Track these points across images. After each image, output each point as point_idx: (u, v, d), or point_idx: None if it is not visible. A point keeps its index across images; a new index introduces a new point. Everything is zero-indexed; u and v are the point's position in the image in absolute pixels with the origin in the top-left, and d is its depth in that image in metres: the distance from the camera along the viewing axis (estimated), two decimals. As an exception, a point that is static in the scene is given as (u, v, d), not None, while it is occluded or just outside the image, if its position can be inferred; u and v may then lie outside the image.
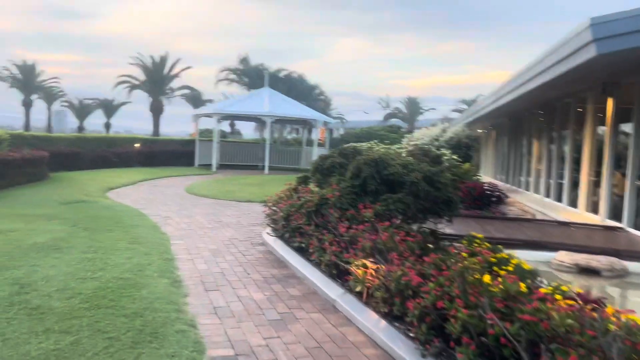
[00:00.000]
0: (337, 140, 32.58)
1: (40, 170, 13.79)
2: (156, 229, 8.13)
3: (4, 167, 11.54)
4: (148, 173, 18.32)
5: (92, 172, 17.35)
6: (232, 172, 22.53)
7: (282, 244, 7.05)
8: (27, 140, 17.42)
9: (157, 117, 37.42)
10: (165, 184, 15.61)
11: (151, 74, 36.85)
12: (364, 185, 6.43)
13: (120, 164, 20.98)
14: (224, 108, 21.98)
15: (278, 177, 19.27)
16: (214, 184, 16.01)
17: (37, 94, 60.01)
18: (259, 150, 26.80)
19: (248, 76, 31.75)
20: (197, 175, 19.38)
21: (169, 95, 39.05)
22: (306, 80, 33.70)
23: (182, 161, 24.76)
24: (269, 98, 22.55)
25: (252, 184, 16.31)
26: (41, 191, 11.55)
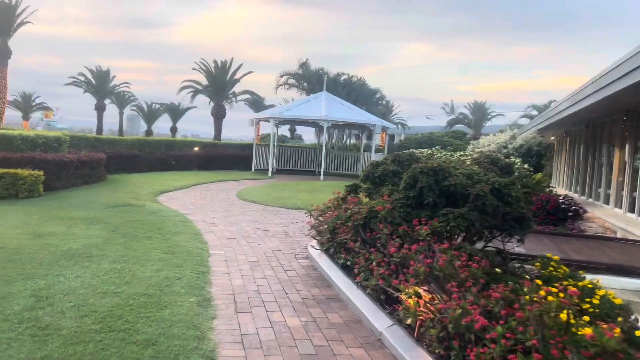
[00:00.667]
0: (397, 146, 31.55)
1: (97, 172, 13.94)
2: (197, 237, 7.70)
3: (60, 168, 11.66)
4: (204, 177, 18.26)
5: (149, 175, 17.50)
6: (287, 177, 22.16)
7: (326, 259, 6.37)
8: (90, 142, 17.87)
9: (218, 122, 37.93)
10: (218, 188, 15.40)
11: (214, 78, 37.44)
12: (420, 197, 5.63)
13: (179, 167, 21.15)
14: (280, 112, 21.69)
15: (332, 184, 18.64)
16: (266, 189, 15.61)
17: (110, 98, 63.20)
18: (316, 155, 26.34)
19: (307, 81, 31.43)
20: (252, 180, 19.13)
21: (230, 100, 39.52)
22: (367, 85, 32.94)
23: (239, 165, 24.75)
24: (325, 102, 22.02)
25: (304, 190, 15.76)
26: (94, 193, 11.56)
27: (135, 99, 66.36)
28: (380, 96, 34.21)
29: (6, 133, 11.45)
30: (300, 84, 32.07)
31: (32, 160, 10.89)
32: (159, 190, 13.25)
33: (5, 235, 6.83)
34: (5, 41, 34.76)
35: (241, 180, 18.50)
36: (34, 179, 10.46)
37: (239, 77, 37.89)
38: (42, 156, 11.25)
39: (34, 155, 11.10)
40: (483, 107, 44.68)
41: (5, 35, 34.92)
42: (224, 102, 38.51)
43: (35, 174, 10.51)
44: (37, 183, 10.55)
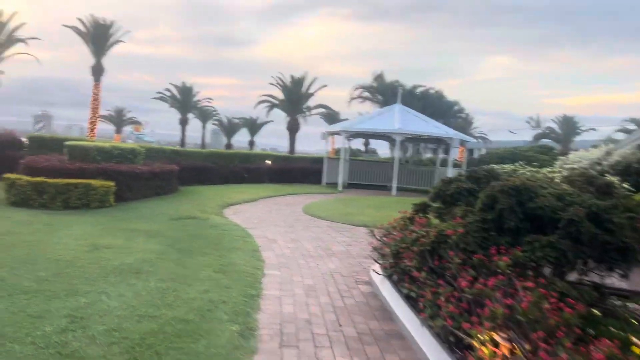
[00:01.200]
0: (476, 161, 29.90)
1: (169, 184, 14.15)
2: (254, 255, 7.29)
3: (132, 179, 11.89)
4: (273, 190, 18.12)
5: (221, 187, 17.62)
6: (358, 192, 21.53)
7: (389, 287, 5.68)
8: (166, 154, 18.36)
9: (292, 135, 38.25)
10: (286, 202, 15.11)
11: (289, 93, 37.86)
12: (500, 220, 4.81)
13: (251, 180, 21.24)
14: (351, 125, 21.18)
15: (404, 200, 17.76)
16: (334, 204, 15.09)
17: (193, 113, 66.24)
18: (388, 169, 25.49)
19: (382, 94, 30.77)
20: (321, 194, 18.72)
21: (304, 114, 39.75)
22: (445, 97, 31.63)
23: (310, 179, 24.51)
24: (399, 115, 21.22)
25: (374, 206, 15.06)
26: (162, 205, 11.64)
27: (217, 113, 69.20)
28: (459, 109, 32.73)
29: (83, 144, 11.90)
30: (375, 96, 31.46)
31: (105, 171, 11.16)
32: (227, 203, 13.16)
33: (65, 246, 6.81)
34: (99, 59, 37.44)
35: (310, 194, 18.14)
36: (106, 190, 10.68)
37: (313, 92, 38.07)
38: (115, 167, 11.51)
39: (107, 166, 11.39)
40: (572, 121, 41.46)
41: (100, 54, 37.63)
42: (299, 116, 38.79)
43: (107, 185, 10.73)
44: (109, 194, 10.76)
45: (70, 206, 10.28)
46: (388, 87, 30.51)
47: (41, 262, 5.91)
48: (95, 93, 38.10)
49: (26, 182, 10.27)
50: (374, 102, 31.69)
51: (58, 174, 10.74)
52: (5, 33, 30.17)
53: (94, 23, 37.01)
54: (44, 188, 10.22)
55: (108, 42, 38.49)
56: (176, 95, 57.34)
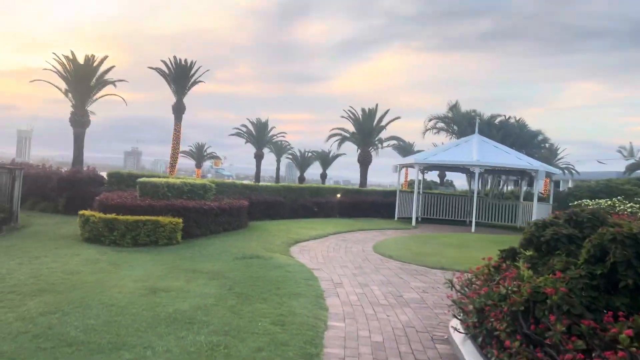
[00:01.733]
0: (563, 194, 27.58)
1: (238, 220, 13.99)
2: (318, 302, 6.66)
3: (200, 216, 11.80)
4: (343, 225, 17.51)
5: (290, 222, 17.29)
6: (433, 227, 20.37)
7: (473, 349, 4.81)
8: (237, 189, 18.43)
9: (364, 168, 37.64)
10: (356, 238, 14.41)
11: (360, 126, 37.51)
12: (612, 276, 3.89)
13: (321, 214, 20.80)
14: (425, 158, 20.24)
15: (486, 237, 16.44)
16: (407, 241, 14.18)
17: (268, 147, 67.89)
18: (466, 203, 24.10)
19: (457, 124, 29.45)
20: (393, 230, 17.82)
21: (376, 147, 39.13)
22: (526, 127, 29.64)
23: (382, 213, 23.67)
24: (477, 146, 20.01)
25: (452, 244, 13.96)
26: (228, 242, 11.39)
27: (291, 147, 70.37)
28: (542, 139, 30.53)
29: (154, 181, 12.04)
30: (450, 127, 30.17)
31: (174, 208, 11.15)
32: (294, 240, 12.71)
33: (123, 288, 6.58)
34: (180, 98, 39.43)
35: (381, 230, 17.32)
36: (173, 227, 10.61)
37: (385, 124, 37.42)
38: (183, 204, 11.48)
39: (175, 203, 11.38)
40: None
41: (181, 94, 39.66)
42: (370, 149, 38.22)
43: (174, 222, 10.67)
44: (176, 231, 10.68)
45: (139, 243, 10.28)
46: (464, 117, 29.17)
47: (94, 307, 5.66)
48: (176, 130, 39.87)
49: (98, 219, 10.44)
50: (449, 132, 30.38)
51: (129, 210, 10.85)
52: (96, 76, 32.52)
53: (175, 64, 39.12)
54: (115, 225, 10.32)
55: (189, 82, 40.42)
56: (252, 130, 59.05)
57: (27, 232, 11.87)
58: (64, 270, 7.56)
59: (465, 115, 29.49)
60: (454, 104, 30.86)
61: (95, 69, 32.66)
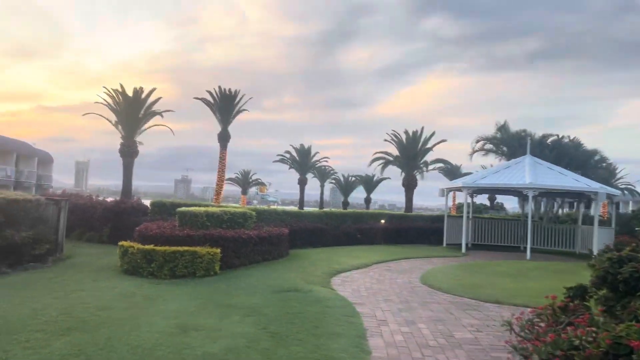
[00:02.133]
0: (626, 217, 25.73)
1: (278, 248, 13.59)
2: (359, 344, 6.07)
3: (239, 245, 11.47)
4: (388, 253, 16.80)
5: (332, 250, 16.75)
6: (484, 254, 19.28)
7: (539, 408, 4.10)
8: (279, 217, 18.12)
9: (409, 192, 36.70)
10: (401, 268, 13.68)
11: (404, 149, 36.77)
12: None
13: (364, 241, 20.17)
14: (474, 181, 19.32)
15: (543, 265, 15.30)
16: (457, 271, 13.32)
17: (312, 172, 67.99)
18: (519, 228, 22.81)
19: (507, 145, 28.23)
20: (442, 258, 16.93)
21: (421, 170, 38.20)
22: (582, 146, 28.03)
23: (430, 239, 22.76)
24: (530, 167, 18.94)
25: (506, 273, 12.98)
26: (267, 273, 10.97)
27: (335, 172, 70.29)
28: (599, 158, 28.79)
29: (193, 210, 11.85)
30: (499, 148, 28.97)
31: (212, 238, 10.88)
32: (335, 270, 12.15)
33: (152, 327, 6.24)
34: (225, 127, 40.06)
35: (429, 258, 16.47)
36: (211, 258, 10.32)
37: (431, 146, 36.53)
38: (222, 233, 11.19)
39: (213, 232, 11.12)
40: None
41: (226, 122, 40.31)
42: (415, 172, 37.33)
43: (212, 252, 10.38)
44: (214, 262, 10.38)
45: (177, 275, 10.03)
46: (514, 137, 27.94)
47: (119, 349, 5.32)
48: (221, 158, 40.42)
49: (137, 250, 10.29)
50: (498, 154, 29.15)
51: (167, 241, 10.67)
52: (144, 108, 33.56)
53: (220, 94, 39.91)
54: (153, 256, 10.13)
55: (233, 110, 41.04)
56: (295, 156, 59.36)
57: (70, 264, 11.91)
58: (97, 305, 7.34)
59: (515, 136, 28.29)
60: (503, 124, 29.72)
61: (144, 100, 33.74)
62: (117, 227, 15.72)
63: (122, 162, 33.64)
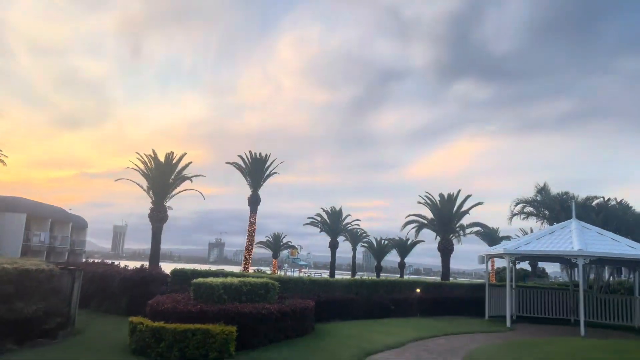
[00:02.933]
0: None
1: (303, 324, 12.42)
2: None
3: (257, 322, 10.42)
4: (425, 327, 15.32)
5: (363, 324, 15.41)
6: (532, 328, 17.45)
7: None
8: (305, 286, 17.04)
9: (446, 257, 34.93)
10: (441, 347, 12.23)
11: (439, 212, 35.41)
12: None
13: (398, 313, 18.67)
14: (517, 247, 17.88)
15: (602, 344, 13.50)
16: (505, 352, 11.78)
17: (344, 235, 66.47)
18: (568, 298, 20.85)
19: (548, 208, 26.65)
20: (485, 334, 15.29)
21: (458, 234, 36.54)
22: (630, 208, 26.16)
23: (470, 310, 20.99)
24: (577, 233, 17.43)
25: (562, 354, 11.37)
26: (289, 355, 9.82)
27: (367, 235, 68.53)
28: (651, 222, 26.82)
29: (209, 282, 10.92)
30: (540, 211, 27.37)
31: (228, 314, 9.92)
32: (365, 351, 10.86)
33: None
34: (256, 190, 39.80)
35: (471, 335, 14.87)
36: (225, 337, 9.31)
37: (467, 209, 35.09)
38: (239, 309, 10.21)
39: (229, 307, 10.15)
40: None
41: (256, 186, 40.12)
42: (451, 236, 35.70)
43: (227, 331, 9.38)
44: (228, 342, 9.35)
45: (187, 357, 9.03)
46: (555, 200, 26.39)
47: None
48: (251, 222, 39.91)
49: (146, 328, 9.41)
50: (539, 217, 27.54)
51: (179, 317, 9.77)
52: (174, 173, 33.76)
53: (251, 158, 40.04)
54: (162, 334, 9.22)
55: (264, 174, 40.94)
56: (326, 219, 58.37)
57: (81, 340, 11.10)
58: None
59: (557, 199, 26.73)
60: (542, 186, 28.26)
61: (174, 165, 33.89)
62: (135, 297, 14.94)
63: (151, 227, 33.50)
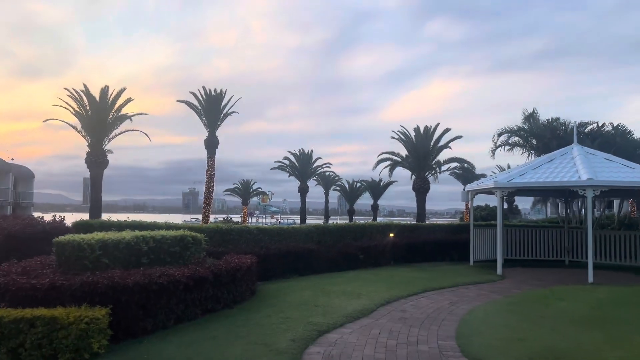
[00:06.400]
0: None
1: (235, 289, 9.01)
2: None
3: (153, 297, 6.94)
4: (400, 282, 12.24)
5: (322, 281, 12.23)
6: (526, 274, 14.65)
7: None
8: (252, 237, 13.65)
9: (421, 197, 32.11)
10: (422, 313, 9.10)
11: (414, 148, 32.21)
12: None
13: (368, 263, 15.62)
14: (510, 178, 14.72)
15: (620, 294, 10.63)
16: (508, 316, 8.71)
17: (316, 180, 63.32)
18: (561, 237, 18.16)
19: (537, 137, 23.64)
20: (474, 286, 12.30)
21: (435, 171, 33.57)
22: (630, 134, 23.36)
23: (451, 254, 18.17)
24: (582, 159, 14.32)
25: (582, 317, 8.33)
26: (195, 343, 6.46)
27: (340, 179, 65.58)
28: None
29: (77, 240, 7.25)
30: (528, 142, 24.32)
31: (95, 288, 6.37)
32: (317, 327, 7.53)
33: None
34: (213, 132, 35.58)
35: (456, 289, 11.84)
36: (85, 328, 5.79)
37: (445, 143, 31.97)
38: (116, 278, 6.62)
39: (99, 278, 6.53)
40: None
41: (213, 127, 35.86)
42: (427, 174, 32.71)
43: (87, 318, 5.85)
44: (91, 335, 5.82)
45: (22, 361, 5.56)
46: (546, 128, 23.33)
47: None
48: (209, 167, 36.04)
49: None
50: (525, 148, 24.52)
51: (18, 296, 6.21)
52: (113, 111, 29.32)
53: (205, 95, 35.61)
54: (-21, 329, 5.67)
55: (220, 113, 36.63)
56: (294, 163, 54.87)
57: None
58: None
59: (547, 126, 23.62)
60: (531, 112, 25.03)
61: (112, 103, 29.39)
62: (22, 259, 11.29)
63: (90, 174, 29.34)
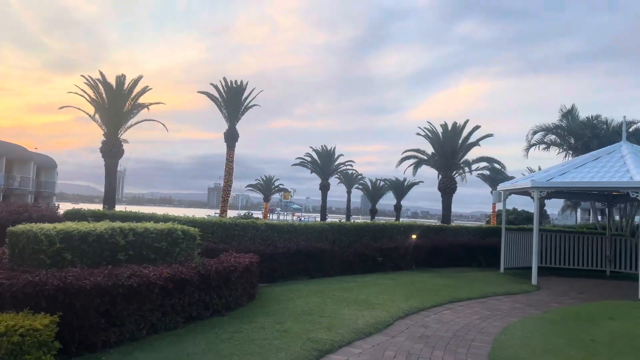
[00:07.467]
0: None
1: (229, 293, 7.77)
2: None
3: (119, 302, 5.73)
4: (422, 290, 10.84)
5: (333, 285, 10.92)
6: (564, 285, 13.06)
7: None
8: (259, 234, 12.43)
9: (447, 198, 30.37)
10: (447, 328, 7.72)
11: (441, 145, 30.50)
12: None
13: (386, 267, 14.25)
14: (550, 177, 13.09)
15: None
16: (551, 338, 7.24)
17: (338, 178, 61.91)
18: (602, 244, 16.42)
19: (575, 135, 21.80)
20: (507, 296, 10.82)
21: (462, 171, 31.79)
22: (682, 133, 21.38)
23: (479, 261, 16.66)
24: (634, 158, 12.65)
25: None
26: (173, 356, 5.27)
27: (362, 177, 63.97)
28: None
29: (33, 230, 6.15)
30: (565, 141, 22.44)
31: (44, 291, 5.19)
32: (318, 345, 6.23)
33: None
34: (233, 125, 34.56)
35: (487, 300, 10.38)
36: (15, 343, 4.60)
37: (475, 141, 30.17)
38: (68, 279, 5.44)
39: (47, 278, 5.32)
40: None
41: (233, 119, 34.84)
42: (454, 174, 30.99)
43: (23, 330, 4.67)
44: (24, 351, 4.63)
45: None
46: (586, 126, 21.48)
47: None
48: (228, 160, 35.02)
49: None
50: (562, 147, 22.65)
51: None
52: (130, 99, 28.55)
53: (226, 87, 34.62)
54: None
55: (241, 106, 35.57)
56: (316, 159, 53.53)
57: None
58: None
59: (587, 124, 21.73)
60: (570, 109, 23.12)
61: (129, 91, 28.71)
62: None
63: (104, 164, 28.65)
